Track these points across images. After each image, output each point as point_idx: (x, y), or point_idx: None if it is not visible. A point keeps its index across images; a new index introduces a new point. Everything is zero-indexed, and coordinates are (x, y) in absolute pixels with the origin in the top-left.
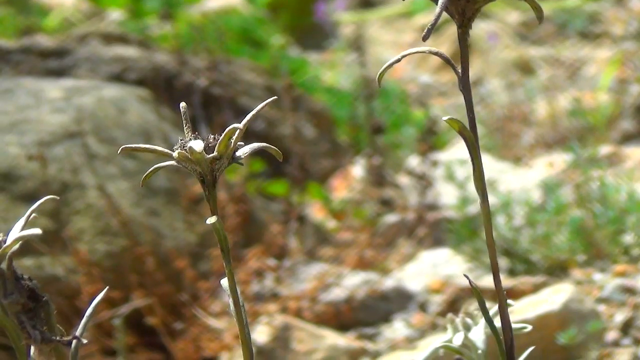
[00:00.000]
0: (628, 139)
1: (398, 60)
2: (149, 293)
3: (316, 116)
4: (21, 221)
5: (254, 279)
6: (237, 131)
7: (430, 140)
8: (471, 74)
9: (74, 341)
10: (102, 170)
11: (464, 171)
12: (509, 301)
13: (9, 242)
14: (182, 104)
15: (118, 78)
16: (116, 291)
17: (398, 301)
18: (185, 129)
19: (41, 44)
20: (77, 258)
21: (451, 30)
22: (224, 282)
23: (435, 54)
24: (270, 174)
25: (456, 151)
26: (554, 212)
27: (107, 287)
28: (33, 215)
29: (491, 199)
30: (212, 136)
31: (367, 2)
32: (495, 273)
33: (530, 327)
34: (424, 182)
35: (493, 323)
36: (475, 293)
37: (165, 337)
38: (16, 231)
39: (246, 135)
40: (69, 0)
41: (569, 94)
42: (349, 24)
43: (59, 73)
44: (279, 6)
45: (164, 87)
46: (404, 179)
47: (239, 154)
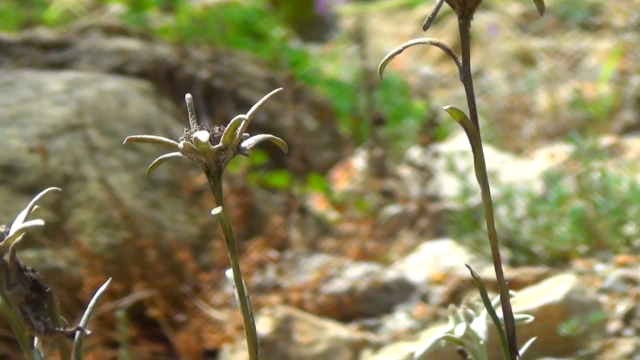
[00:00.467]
0: (629, 130)
1: (399, 52)
2: (150, 285)
3: (317, 108)
4: (23, 213)
5: (255, 270)
6: (243, 122)
7: (432, 131)
8: (472, 66)
9: (78, 332)
10: (103, 162)
11: (465, 162)
12: (510, 292)
13: (11, 233)
14: (188, 96)
15: (119, 70)
16: (118, 283)
17: (400, 292)
18: (190, 120)
19: (42, 37)
20: (78, 250)
21: (452, 22)
22: (229, 273)
23: (437, 44)
24: (272, 165)
25: (457, 142)
26: (556, 203)
27: (109, 279)
28: (35, 207)
29: (493, 191)
30: (218, 127)
31: None
32: (496, 264)
33: (532, 317)
34: (426, 173)
35: (495, 314)
36: (478, 284)
37: (167, 329)
38: (19, 223)
39: (248, 127)
40: None
41: (570, 85)
42: (349, 16)
43: (60, 66)
44: None
45: (165, 80)
46: (405, 171)
47: (244, 145)
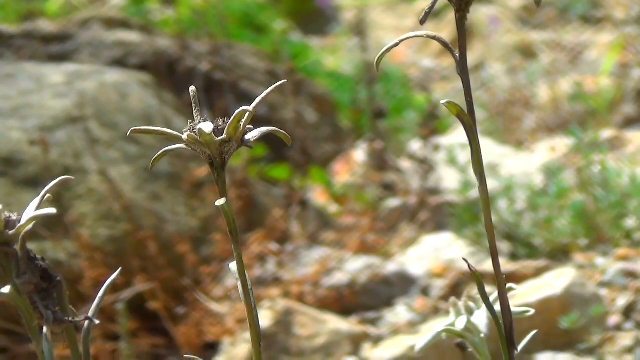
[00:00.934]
0: (629, 123)
1: (396, 45)
2: (151, 278)
3: (318, 101)
4: (35, 201)
5: (256, 263)
6: (247, 114)
7: (432, 124)
8: (473, 59)
9: (86, 322)
10: (103, 155)
11: (465, 155)
12: (511, 285)
13: (23, 221)
14: (192, 88)
15: (120, 63)
16: (118, 276)
17: (400, 285)
18: (194, 111)
19: (43, 29)
20: (79, 243)
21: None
22: (232, 266)
23: (433, 38)
24: (272, 158)
25: (458, 135)
26: (556, 196)
27: (119, 269)
28: (48, 195)
29: (493, 183)
30: (222, 119)
31: None
32: (494, 257)
33: (532, 310)
34: (426, 166)
35: (492, 307)
36: (475, 277)
37: (167, 322)
38: (31, 211)
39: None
40: None
41: (570, 78)
42: (350, 8)
43: (61, 58)
44: None
45: (165, 72)
46: (405, 163)
47: (248, 137)
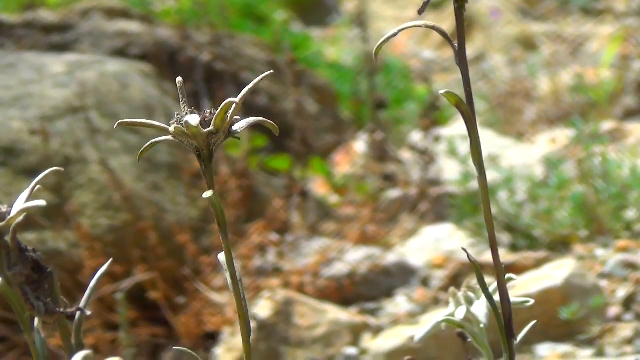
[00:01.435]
0: (630, 114)
1: (395, 34)
2: (151, 267)
3: (319, 91)
4: (25, 193)
5: (256, 253)
6: (234, 105)
7: (433, 115)
8: (474, 50)
9: (78, 313)
10: (104, 145)
11: (466, 146)
12: (510, 275)
13: (13, 213)
14: (179, 79)
15: (121, 53)
16: (118, 266)
17: (400, 276)
18: (181, 103)
19: (44, 19)
20: (79, 232)
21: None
22: (221, 257)
23: (432, 28)
24: (273, 149)
25: (458, 126)
26: (556, 188)
27: (110, 260)
28: (37, 187)
29: (494, 175)
30: (209, 110)
31: None
32: (493, 247)
33: (532, 301)
34: (427, 157)
35: (492, 297)
36: (475, 267)
37: (167, 312)
38: (20, 203)
39: (249, 110)
40: None
41: (571, 70)
42: None
43: (62, 48)
44: None
45: (166, 62)
46: (406, 154)
47: (235, 128)
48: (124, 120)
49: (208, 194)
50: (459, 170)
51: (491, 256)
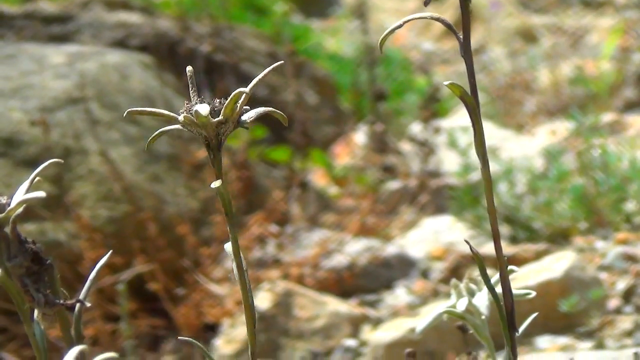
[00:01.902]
0: (630, 107)
1: (400, 26)
2: (151, 259)
3: (319, 83)
4: (25, 184)
5: (256, 245)
6: (243, 95)
7: (433, 107)
8: (474, 42)
9: (78, 304)
10: (104, 135)
11: (466, 138)
12: (512, 267)
13: (13, 205)
14: (189, 68)
15: (121, 44)
16: (118, 257)
17: (400, 268)
18: (191, 92)
19: (44, 10)
20: (79, 223)
21: None
22: (227, 247)
23: (437, 19)
24: (273, 140)
25: (458, 118)
26: (556, 180)
27: (110, 251)
28: (37, 179)
29: (493, 167)
30: (218, 100)
31: None
32: (495, 239)
33: (534, 293)
34: (426, 149)
35: (494, 289)
36: (477, 259)
37: (167, 303)
38: (20, 194)
39: (249, 101)
40: None
41: (571, 62)
42: None
43: (62, 39)
44: None
45: (166, 53)
46: (406, 146)
47: (244, 118)
48: (132, 109)
49: (217, 184)
50: (458, 162)
51: (491, 248)
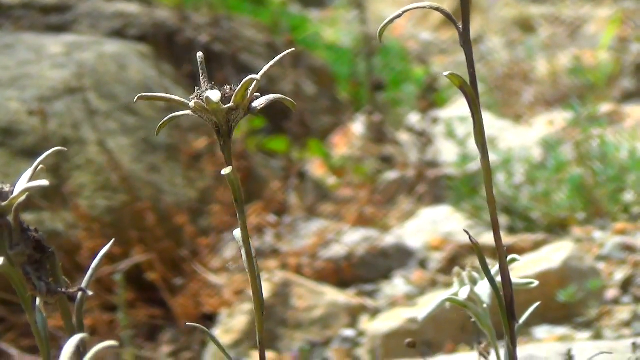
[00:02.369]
0: (628, 97)
1: (399, 15)
2: (148, 249)
3: (317, 73)
4: (28, 173)
5: (254, 235)
6: (254, 82)
7: (431, 97)
8: (471, 32)
9: (79, 293)
10: (102, 125)
11: (464, 128)
12: (515, 256)
13: (15, 193)
14: (199, 54)
15: (119, 34)
16: (116, 247)
17: (398, 258)
18: (201, 79)
19: (42, 0)
20: (77, 213)
21: None
22: (237, 233)
23: (437, 9)
24: (271, 130)
25: (456, 108)
26: (554, 170)
27: (112, 241)
28: (40, 166)
29: (491, 157)
30: (229, 87)
31: None
32: (495, 229)
33: (536, 282)
34: (424, 139)
35: (493, 279)
36: (476, 249)
37: (165, 293)
38: (23, 182)
39: None
40: None
41: (569, 52)
42: None
43: (60, 29)
44: None
45: (164, 43)
46: (404, 136)
47: (255, 105)
48: (144, 95)
49: (227, 170)
50: (456, 152)
51: (489, 238)
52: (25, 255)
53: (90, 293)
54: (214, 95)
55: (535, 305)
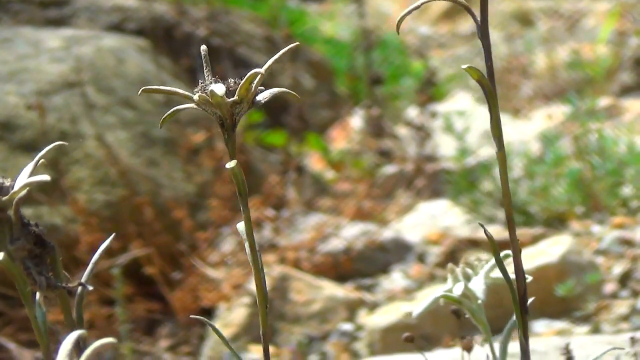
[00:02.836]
0: (627, 91)
1: (418, 7)
2: (147, 243)
3: (315, 67)
4: (29, 167)
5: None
6: (259, 76)
7: (429, 91)
8: (470, 26)
9: (79, 288)
10: (100, 119)
11: (462, 122)
12: (507, 252)
13: (16, 187)
14: (203, 47)
15: (117, 28)
16: (114, 241)
17: (396, 252)
18: (205, 72)
19: None
20: (75, 208)
21: None
22: (240, 226)
23: (454, 1)
24: (269, 124)
25: (455, 102)
26: (553, 164)
27: (112, 235)
28: (42, 161)
29: (489, 151)
30: (233, 80)
31: None
32: (509, 221)
33: (530, 277)
34: (423, 133)
35: (507, 273)
36: (491, 243)
37: (163, 287)
38: (24, 177)
39: None
40: None
41: (568, 46)
42: None
43: (58, 22)
44: None
45: (163, 37)
46: (402, 130)
47: (259, 98)
48: (148, 87)
49: (231, 164)
50: (455, 146)
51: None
52: (25, 249)
53: (91, 288)
54: (219, 89)
55: (530, 299)
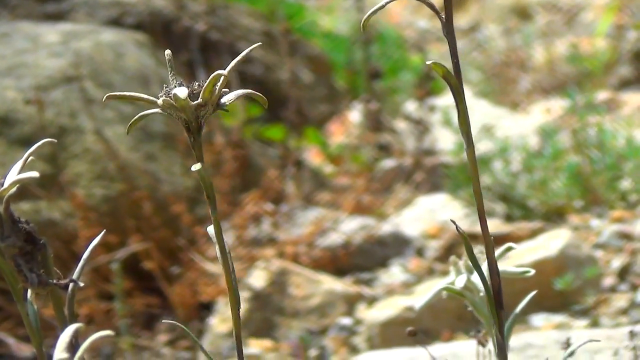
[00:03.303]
0: (625, 84)
1: (382, 7)
2: (145, 238)
3: (314, 61)
4: (19, 164)
5: (251, 223)
6: (222, 78)
7: (428, 85)
8: (468, 20)
9: (71, 284)
10: (99, 114)
11: None
12: (511, 244)
13: (6, 185)
14: (167, 52)
15: (116, 22)
16: (113, 236)
17: (395, 246)
18: (170, 76)
19: None
20: (74, 202)
21: None
22: (210, 230)
23: (422, 1)
24: (268, 118)
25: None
26: (551, 158)
27: (104, 231)
28: (31, 158)
29: (488, 145)
30: (197, 83)
31: None
32: (481, 218)
33: (533, 271)
34: (421, 127)
35: (480, 268)
36: (463, 239)
37: (162, 282)
38: (14, 174)
39: (244, 80)
40: None
41: (566, 40)
42: None
43: (57, 17)
44: None
45: (161, 32)
46: (401, 124)
47: (224, 100)
48: (113, 94)
49: (196, 167)
50: (453, 140)
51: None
52: (16, 246)
53: (82, 284)
54: (181, 92)
55: (531, 294)
